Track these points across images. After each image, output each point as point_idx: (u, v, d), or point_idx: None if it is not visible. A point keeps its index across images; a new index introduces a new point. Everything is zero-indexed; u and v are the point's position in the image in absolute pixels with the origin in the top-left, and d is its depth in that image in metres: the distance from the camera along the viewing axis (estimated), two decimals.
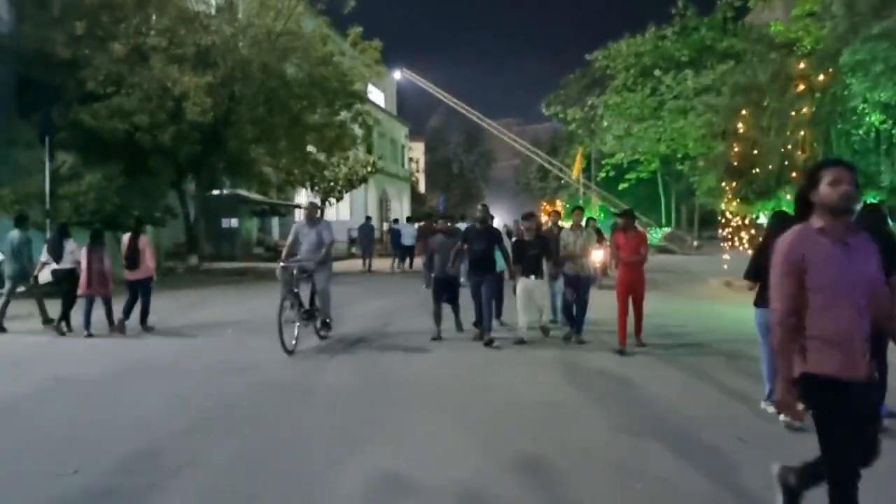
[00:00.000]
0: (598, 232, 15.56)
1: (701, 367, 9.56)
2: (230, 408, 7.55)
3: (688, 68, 36.90)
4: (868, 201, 13.59)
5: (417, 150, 76.70)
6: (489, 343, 10.95)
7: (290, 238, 11.55)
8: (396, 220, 32.42)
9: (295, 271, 10.74)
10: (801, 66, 14.57)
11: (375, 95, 50.63)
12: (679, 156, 39.37)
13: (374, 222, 35.08)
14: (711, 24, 39.22)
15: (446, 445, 6.25)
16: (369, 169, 38.47)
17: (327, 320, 11.58)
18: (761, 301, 7.27)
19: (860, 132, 13.79)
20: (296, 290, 10.64)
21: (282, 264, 10.90)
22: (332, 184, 36.40)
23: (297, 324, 10.59)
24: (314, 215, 11.50)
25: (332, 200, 37.70)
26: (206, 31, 23.25)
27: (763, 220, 20.05)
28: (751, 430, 6.72)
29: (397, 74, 58.16)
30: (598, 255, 13.51)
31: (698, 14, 39.86)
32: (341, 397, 8.01)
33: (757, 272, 7.39)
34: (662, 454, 6.01)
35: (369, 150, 43.67)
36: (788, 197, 14.99)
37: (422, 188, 74.52)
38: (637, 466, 5.76)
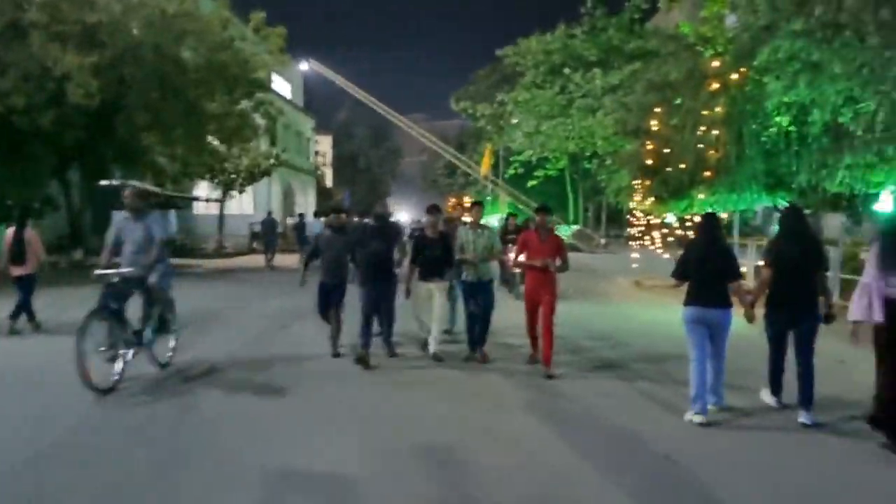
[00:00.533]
0: (518, 230, 14.78)
1: (623, 377, 8.97)
2: (86, 434, 6.43)
3: (596, 68, 37.10)
4: (787, 203, 13.44)
5: (325, 144, 75.12)
6: (392, 355, 9.85)
7: (109, 237, 8.76)
8: (302, 215, 31.11)
9: (116, 280, 8.06)
10: (716, 63, 14.30)
11: (280, 86, 48.90)
12: (587, 154, 39.54)
13: (280, 216, 33.62)
14: (619, 25, 39.53)
15: None
16: (272, 161, 36.92)
17: (171, 343, 9.22)
18: (689, 300, 7.05)
19: (771, 133, 13.62)
20: (116, 307, 8.01)
21: (97, 272, 8.11)
22: (232, 176, 34.70)
23: (122, 352, 8.05)
24: (138, 206, 8.51)
25: (234, 193, 36.00)
26: (92, 9, 21.40)
27: (672, 219, 19.93)
28: (679, 446, 6.14)
29: (304, 66, 56.48)
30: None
31: (607, 14, 40.21)
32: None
33: (685, 272, 7.13)
34: (587, 476, 5.32)
35: (273, 142, 42.09)
36: (702, 196, 14.75)
37: (329, 182, 72.98)
38: (562, 492, 5.06)
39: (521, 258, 9.20)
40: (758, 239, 18.07)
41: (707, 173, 14.33)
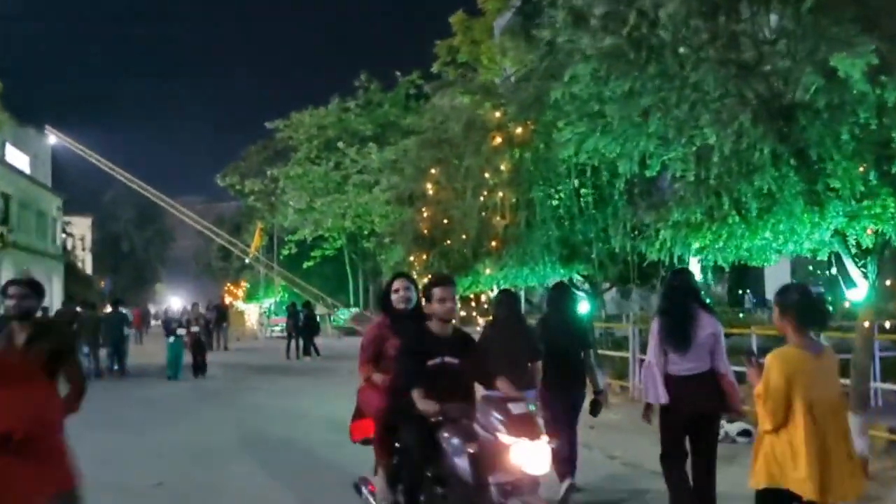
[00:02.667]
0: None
1: None
2: None
3: (372, 143, 35.11)
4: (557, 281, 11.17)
5: (82, 226, 66.93)
6: None
7: None
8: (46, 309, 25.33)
9: None
10: (498, 114, 11.95)
11: (16, 157, 42.10)
12: (366, 232, 37.07)
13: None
14: (395, 101, 38.01)
15: None
16: None
17: None
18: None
19: (562, 195, 11.46)
20: None
21: None
22: None
23: None
24: None
25: None
26: None
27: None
28: None
29: (52, 139, 49.78)
30: None
31: (382, 89, 38.60)
32: None
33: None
34: None
35: (4, 220, 35.75)
36: (489, 271, 12.15)
37: (89, 269, 64.82)
38: None
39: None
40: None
41: (494, 244, 11.80)
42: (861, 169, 6.64)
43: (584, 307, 12.83)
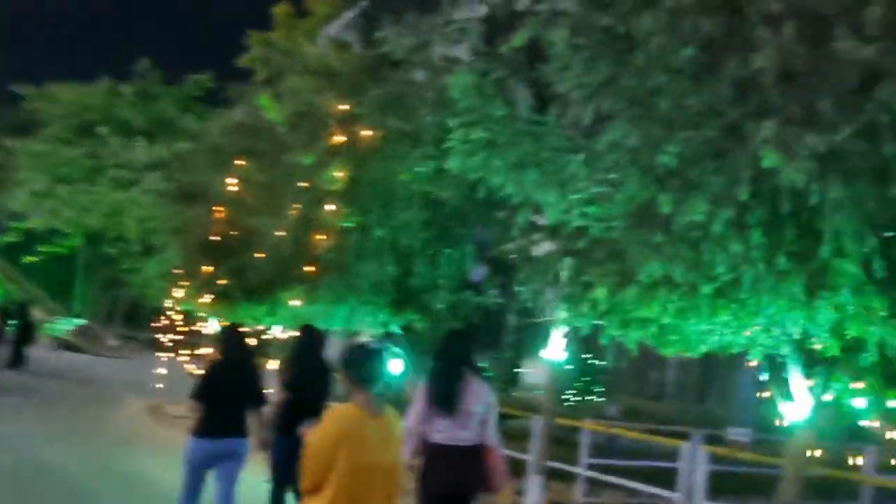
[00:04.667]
0: None
1: None
2: None
3: (141, 137, 30.43)
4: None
5: None
6: None
7: None
8: None
9: None
10: (344, 107, 9.18)
11: None
12: (112, 236, 31.75)
13: None
14: (176, 97, 33.57)
15: None
16: None
17: None
18: (204, 431, 5.94)
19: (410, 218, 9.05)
20: None
21: None
22: None
23: None
24: None
25: None
26: None
27: (214, 327, 13.78)
28: None
29: None
30: None
31: (164, 82, 33.99)
32: None
33: (211, 395, 5.99)
34: None
35: None
36: (295, 303, 9.12)
37: None
38: None
39: None
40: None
41: (310, 268, 8.90)
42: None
43: (396, 366, 10.34)
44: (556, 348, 8.41)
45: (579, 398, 17.94)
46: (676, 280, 4.47)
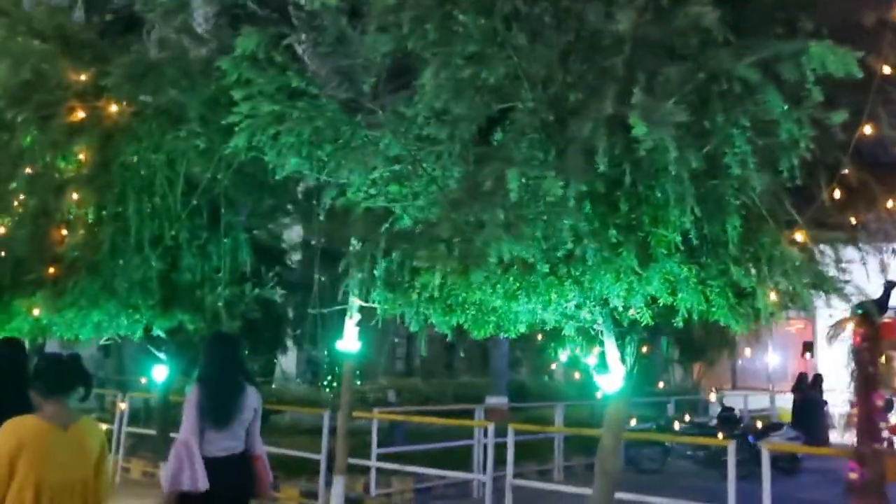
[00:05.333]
0: None
1: None
2: None
3: None
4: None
5: None
6: None
7: None
8: None
9: None
10: (84, 77, 7.75)
11: None
12: None
13: None
14: None
15: None
16: None
17: None
18: None
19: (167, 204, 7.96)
20: None
21: None
22: None
23: None
24: None
25: None
26: None
27: None
28: None
29: None
30: None
31: None
32: None
33: None
34: None
35: None
36: (37, 312, 7.54)
37: None
38: None
39: None
40: None
41: (52, 270, 7.43)
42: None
43: (160, 373, 9.24)
44: (350, 338, 7.90)
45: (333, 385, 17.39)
46: (528, 260, 4.16)
